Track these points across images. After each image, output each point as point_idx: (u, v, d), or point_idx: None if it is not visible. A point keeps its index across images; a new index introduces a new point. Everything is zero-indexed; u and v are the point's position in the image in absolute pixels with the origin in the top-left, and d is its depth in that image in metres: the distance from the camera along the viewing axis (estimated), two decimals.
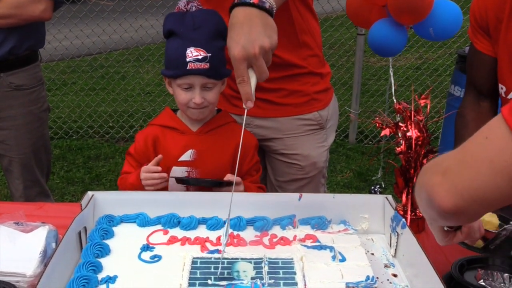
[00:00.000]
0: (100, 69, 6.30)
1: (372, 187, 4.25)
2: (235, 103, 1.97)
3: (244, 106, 1.30)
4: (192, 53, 1.64)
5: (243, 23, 1.32)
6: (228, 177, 1.69)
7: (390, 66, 4.12)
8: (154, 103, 5.72)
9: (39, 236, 1.40)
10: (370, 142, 5.19)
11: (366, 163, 4.66)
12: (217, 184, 1.68)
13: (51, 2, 2.27)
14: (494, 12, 1.60)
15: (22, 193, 2.50)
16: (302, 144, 2.02)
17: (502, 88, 1.64)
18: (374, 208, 1.56)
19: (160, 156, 1.71)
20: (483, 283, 1.27)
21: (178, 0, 1.75)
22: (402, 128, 1.56)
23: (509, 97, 1.61)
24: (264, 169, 2.04)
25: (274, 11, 1.38)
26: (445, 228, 1.13)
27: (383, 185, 4.19)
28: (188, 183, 1.73)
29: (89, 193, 1.52)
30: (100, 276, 1.28)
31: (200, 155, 1.78)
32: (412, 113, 1.56)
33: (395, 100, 3.96)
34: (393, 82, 3.92)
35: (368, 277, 1.29)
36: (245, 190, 1.73)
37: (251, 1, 1.33)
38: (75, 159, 4.68)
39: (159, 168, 1.68)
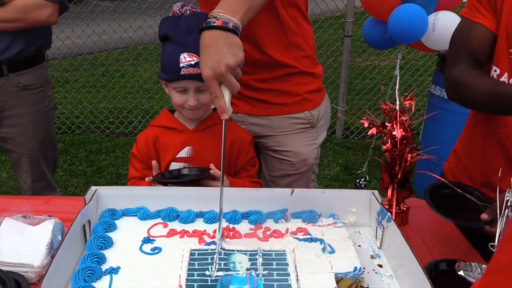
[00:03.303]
0: (101, 67, 6.27)
1: (358, 180, 4.32)
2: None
3: (221, 117, 1.32)
4: (185, 58, 1.64)
5: (210, 45, 1.34)
6: (213, 167, 1.69)
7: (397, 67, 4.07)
8: (152, 100, 5.71)
9: (46, 229, 1.40)
10: (356, 138, 5.20)
11: (352, 158, 4.68)
12: (197, 177, 1.67)
13: (57, 7, 2.25)
14: None
15: (30, 187, 2.49)
16: (293, 141, 2.02)
17: (495, 71, 1.57)
18: (361, 202, 1.57)
19: (154, 162, 1.75)
20: (462, 274, 1.28)
21: (173, 2, 1.74)
22: (388, 128, 1.57)
23: (501, 79, 1.55)
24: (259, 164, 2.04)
25: (240, 29, 1.39)
26: None
27: (367, 178, 4.21)
28: (165, 184, 1.68)
29: (93, 188, 1.51)
30: (104, 267, 1.28)
31: (197, 151, 1.78)
32: (398, 113, 1.57)
33: (397, 96, 3.92)
34: (398, 78, 3.83)
35: (355, 268, 1.29)
36: (239, 185, 1.72)
37: (215, 24, 1.36)
38: (77, 153, 4.67)
39: None
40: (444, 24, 3.33)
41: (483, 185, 1.63)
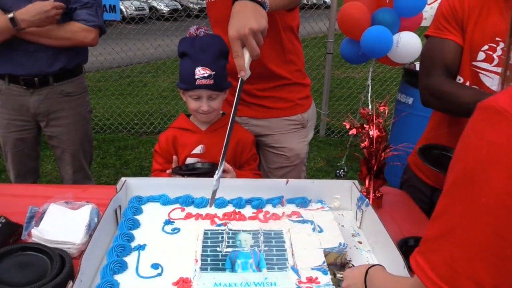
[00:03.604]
0: (127, 78, 6.22)
1: (338, 171, 4.30)
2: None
3: (238, 75, 1.25)
4: (200, 71, 1.61)
5: (239, 11, 1.29)
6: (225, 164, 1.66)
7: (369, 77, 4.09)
8: (169, 105, 5.67)
9: (85, 213, 1.38)
10: (336, 136, 5.18)
11: (333, 153, 4.66)
12: (209, 170, 1.63)
13: (98, 32, 2.24)
14: (468, 11, 1.49)
15: (71, 176, 2.46)
16: (288, 139, 2.00)
17: (459, 80, 1.54)
18: (344, 190, 1.55)
19: (174, 157, 1.73)
20: None
21: (187, 26, 1.72)
22: (366, 129, 1.55)
23: None
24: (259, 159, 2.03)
25: (267, 5, 1.35)
26: None
27: (346, 169, 4.19)
28: (182, 175, 1.65)
29: (122, 178, 1.49)
30: (133, 244, 1.26)
31: (208, 148, 1.75)
32: (374, 117, 1.55)
33: (369, 102, 3.95)
34: (370, 87, 3.86)
35: (340, 244, 1.28)
36: (243, 176, 1.71)
37: None
38: (108, 149, 4.62)
39: None
40: (406, 41, 3.37)
41: None
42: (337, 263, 1.27)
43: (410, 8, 3.40)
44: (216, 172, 1.28)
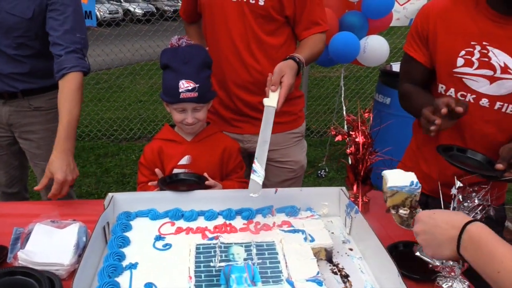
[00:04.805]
0: (104, 83, 6.12)
1: (319, 171, 4.30)
2: (236, 125, 1.96)
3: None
4: (184, 84, 1.58)
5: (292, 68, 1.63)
6: (207, 176, 1.63)
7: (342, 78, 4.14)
8: (148, 111, 5.60)
9: (72, 231, 1.33)
10: (315, 137, 5.21)
11: (313, 153, 4.68)
12: (195, 184, 1.60)
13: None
14: (434, 24, 1.56)
15: (45, 192, 2.37)
16: (293, 152, 2.00)
17: (442, 87, 1.59)
18: (332, 197, 1.55)
19: (157, 170, 1.69)
20: (418, 254, 1.27)
21: (163, 30, 1.70)
22: (352, 135, 1.55)
23: (448, 93, 1.57)
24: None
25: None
26: None
27: (327, 170, 4.21)
28: (166, 189, 1.56)
29: (109, 194, 1.45)
30: (124, 263, 1.22)
31: (195, 159, 1.73)
32: (359, 123, 1.55)
33: (343, 105, 4.00)
34: (343, 88, 3.96)
35: (412, 182, 1.29)
36: (230, 187, 1.69)
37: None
38: (88, 157, 4.52)
39: None
40: (373, 46, 3.44)
41: (443, 185, 1.61)
42: (404, 205, 1.21)
43: (378, 10, 3.44)
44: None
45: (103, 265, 1.19)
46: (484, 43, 1.48)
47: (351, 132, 1.55)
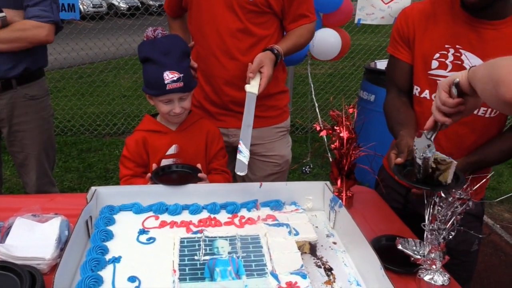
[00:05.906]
0: (88, 78, 6.03)
1: (303, 168, 4.32)
2: (221, 119, 1.95)
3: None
4: (168, 76, 1.57)
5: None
6: (200, 167, 1.63)
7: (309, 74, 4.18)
8: (132, 106, 5.54)
9: (54, 225, 1.31)
10: (300, 133, 5.23)
11: (298, 149, 4.70)
12: (189, 175, 1.60)
13: (53, 28, 2.12)
14: (413, 27, 1.59)
15: (34, 183, 2.35)
16: (278, 146, 2.01)
17: (416, 89, 1.61)
18: (316, 191, 1.56)
19: (154, 165, 1.65)
20: (400, 247, 1.29)
21: (148, 24, 1.69)
22: (336, 130, 1.56)
23: (421, 96, 1.59)
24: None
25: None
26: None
27: (311, 166, 4.23)
28: (160, 182, 1.53)
29: (92, 188, 1.43)
30: (107, 257, 1.21)
31: (182, 147, 1.71)
32: (343, 119, 1.56)
33: (315, 102, 4.05)
34: (312, 86, 4.04)
35: None
36: (212, 181, 1.68)
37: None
38: (70, 152, 4.46)
39: None
40: (321, 39, 3.53)
41: None
42: None
43: (327, 4, 3.49)
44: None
45: (85, 258, 1.17)
46: (457, 46, 1.50)
47: (335, 127, 1.56)
